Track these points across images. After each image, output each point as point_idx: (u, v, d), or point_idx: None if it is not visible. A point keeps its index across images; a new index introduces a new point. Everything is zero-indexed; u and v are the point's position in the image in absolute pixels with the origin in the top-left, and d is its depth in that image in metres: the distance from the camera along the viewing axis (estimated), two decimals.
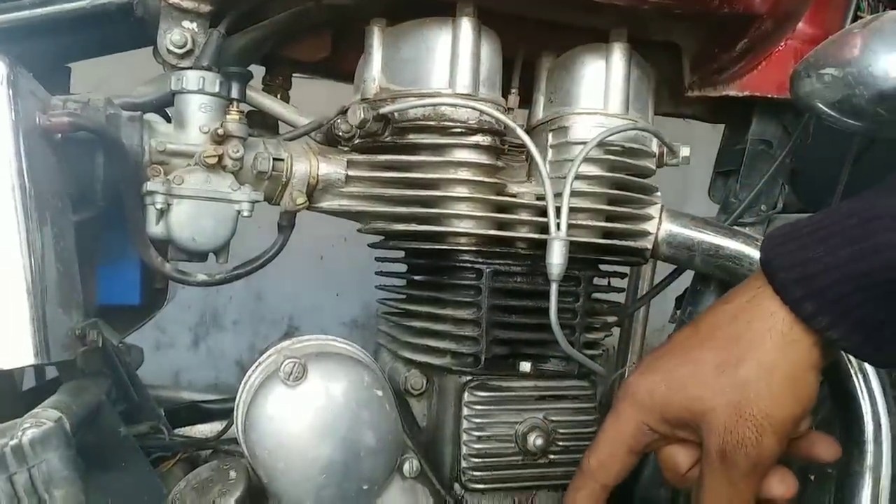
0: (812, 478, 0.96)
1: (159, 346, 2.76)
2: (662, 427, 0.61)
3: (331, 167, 0.81)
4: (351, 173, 0.81)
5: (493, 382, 0.81)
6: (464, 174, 0.79)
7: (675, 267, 0.96)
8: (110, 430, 0.74)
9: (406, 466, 0.75)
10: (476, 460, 0.79)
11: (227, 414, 0.90)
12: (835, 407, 0.84)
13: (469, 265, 0.80)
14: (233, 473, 0.75)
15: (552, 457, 0.81)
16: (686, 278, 1.00)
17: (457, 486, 0.81)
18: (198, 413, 1.04)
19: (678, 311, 1.01)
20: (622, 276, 0.92)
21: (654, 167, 0.87)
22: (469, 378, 0.81)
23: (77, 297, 0.79)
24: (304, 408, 0.69)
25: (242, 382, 0.78)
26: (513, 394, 0.81)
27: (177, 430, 0.95)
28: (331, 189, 0.82)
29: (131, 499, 0.72)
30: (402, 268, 0.92)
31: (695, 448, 0.62)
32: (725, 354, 0.58)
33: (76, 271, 0.80)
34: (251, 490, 0.75)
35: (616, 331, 1.01)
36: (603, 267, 0.87)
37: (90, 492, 0.66)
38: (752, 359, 0.56)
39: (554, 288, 0.75)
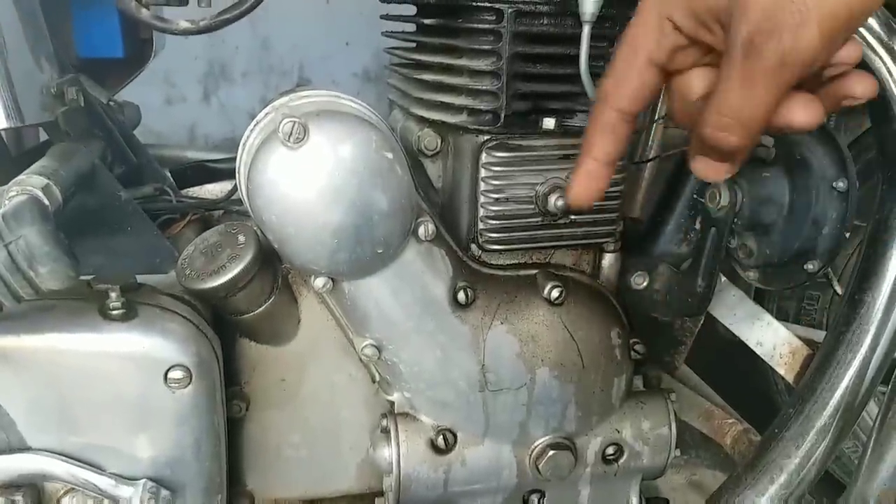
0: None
1: (171, 100, 2.69)
2: (689, 23, 0.51)
3: None
4: None
5: (513, 142, 0.75)
6: None
7: None
8: (109, 193, 0.71)
9: (421, 230, 0.72)
10: (494, 222, 0.76)
11: (235, 173, 0.86)
12: (880, 155, 0.78)
13: (488, 5, 0.70)
14: (241, 238, 0.73)
15: (573, 217, 0.78)
16: None
17: (473, 247, 0.79)
18: (205, 173, 1.00)
19: None
20: None
21: None
22: (487, 137, 0.75)
23: (47, 49, 0.70)
24: (308, 171, 0.64)
25: (241, 142, 0.72)
26: (534, 153, 0.75)
27: (184, 192, 0.93)
28: None
29: (142, 262, 0.71)
30: (413, 10, 0.81)
31: (712, 73, 0.52)
32: None
33: (41, 19, 0.70)
34: (262, 252, 0.73)
35: None
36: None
37: (96, 257, 0.65)
38: None
39: (586, 31, 0.66)
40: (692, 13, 0.50)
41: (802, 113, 0.50)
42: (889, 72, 0.71)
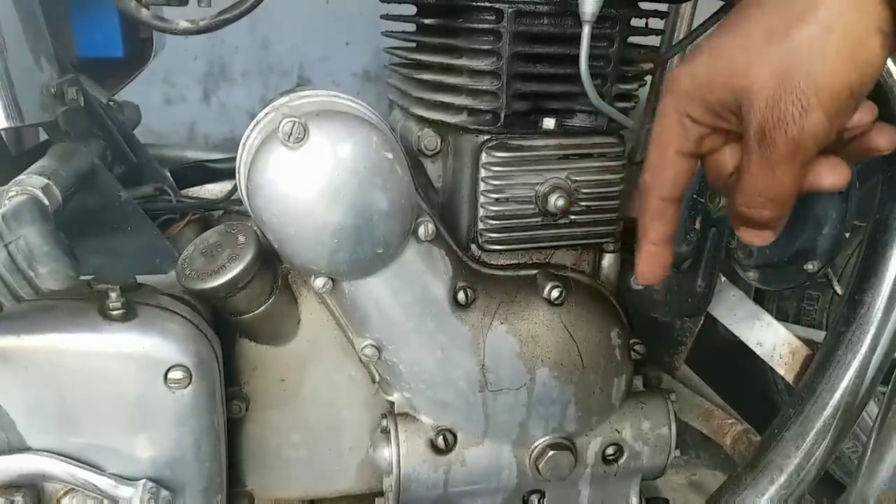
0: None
1: (171, 100, 2.69)
2: (705, 116, 0.54)
3: None
4: None
5: (512, 142, 0.74)
6: None
7: (718, 7, 0.84)
8: (109, 193, 0.71)
9: (421, 230, 0.72)
10: (494, 222, 0.76)
11: (235, 173, 0.86)
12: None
13: (488, 4, 0.70)
14: (241, 238, 0.73)
15: (573, 217, 0.78)
16: None
17: (473, 247, 0.79)
18: (205, 173, 1.00)
19: None
20: (662, 14, 0.81)
21: None
22: (487, 137, 0.74)
23: (47, 49, 0.70)
24: (308, 171, 0.64)
25: (241, 142, 0.72)
26: (534, 153, 0.75)
27: (184, 192, 0.93)
28: None
29: (142, 262, 0.71)
30: (413, 10, 0.81)
31: (739, 149, 0.56)
32: (777, 19, 0.50)
33: (41, 19, 0.70)
34: (262, 253, 0.73)
35: (647, 79, 0.92)
36: (642, 5, 0.76)
37: (96, 257, 0.65)
38: (807, 21, 0.48)
39: (586, 31, 0.66)
40: (706, 108, 0.53)
41: (830, 176, 0.53)
42: (889, 72, 0.71)
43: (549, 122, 0.74)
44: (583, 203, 0.78)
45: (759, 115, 0.49)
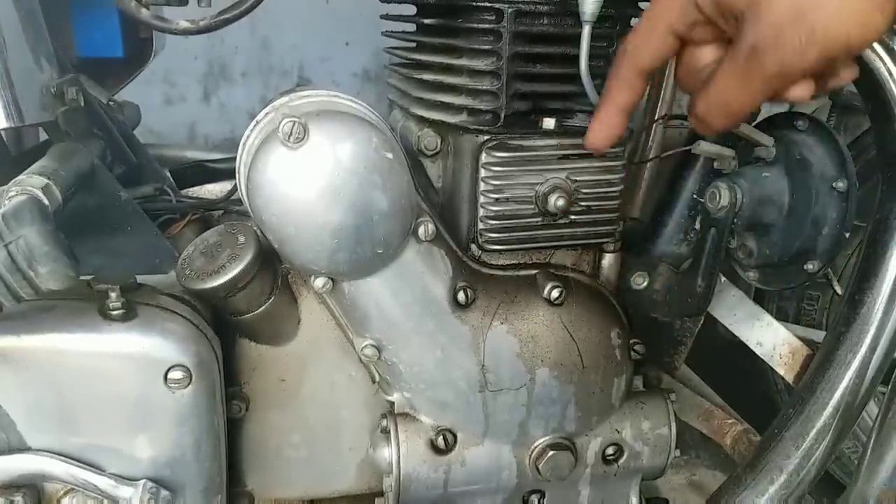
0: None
1: (171, 100, 2.69)
2: (710, 8, 0.55)
3: None
4: None
5: (512, 142, 0.74)
6: None
7: None
8: (109, 193, 0.71)
9: (421, 230, 0.72)
10: (493, 222, 0.76)
11: (234, 173, 0.86)
12: (880, 155, 0.78)
13: (488, 4, 0.69)
14: (241, 238, 0.73)
15: (573, 217, 0.78)
16: None
17: (473, 247, 0.79)
18: (205, 172, 1.00)
19: None
20: None
21: None
22: (487, 137, 0.74)
23: (47, 49, 0.70)
24: (308, 171, 0.64)
25: (241, 142, 0.72)
26: (534, 153, 0.75)
27: (184, 192, 0.93)
28: None
29: (142, 262, 0.71)
30: (413, 10, 0.81)
31: (721, 51, 0.58)
32: None
33: (41, 19, 0.70)
34: (262, 253, 0.73)
35: None
36: (642, 4, 0.76)
37: (96, 257, 0.65)
38: None
39: (586, 31, 0.66)
40: (717, 3, 0.54)
41: (797, 89, 0.55)
42: (889, 72, 0.71)
43: (549, 122, 0.74)
44: (583, 203, 0.77)
45: (760, 32, 0.51)
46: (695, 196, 0.81)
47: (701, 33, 0.58)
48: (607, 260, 0.85)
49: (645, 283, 0.83)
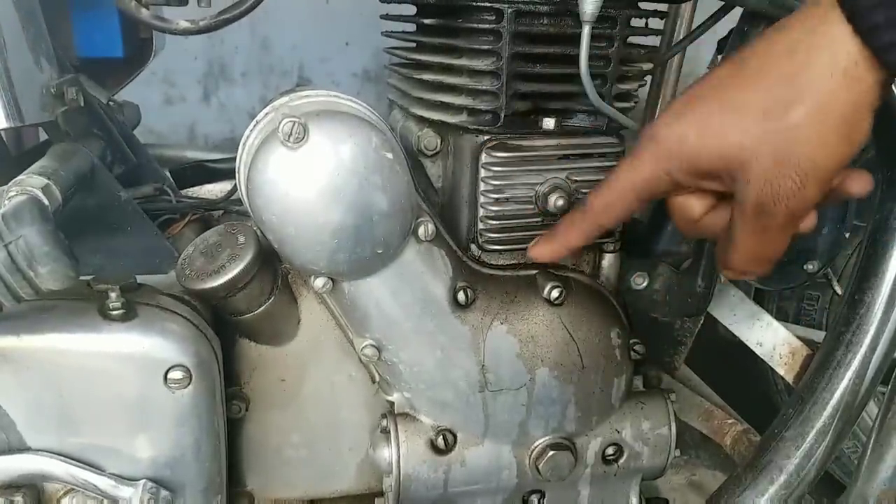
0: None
1: (171, 100, 2.69)
2: (687, 178, 0.56)
3: None
4: None
5: (512, 142, 0.74)
6: None
7: (718, 7, 0.84)
8: (109, 193, 0.71)
9: (421, 230, 0.72)
10: (493, 222, 0.76)
11: (234, 173, 0.87)
12: (879, 155, 0.78)
13: (487, 4, 0.69)
14: (241, 238, 0.73)
15: None
16: (731, 20, 0.87)
17: (473, 247, 0.79)
18: (205, 172, 1.00)
19: (720, 57, 0.91)
20: (662, 14, 0.81)
21: None
22: (487, 137, 0.74)
23: (47, 49, 0.70)
24: (308, 171, 0.64)
25: (241, 142, 0.72)
26: (534, 153, 0.75)
27: (184, 192, 0.93)
28: None
29: (142, 262, 0.71)
30: (412, 10, 0.81)
31: (709, 196, 0.59)
32: (775, 98, 0.51)
33: (41, 19, 0.70)
34: (261, 253, 0.73)
35: (647, 79, 0.92)
36: (642, 5, 0.76)
37: (96, 257, 0.65)
38: (805, 102, 0.50)
39: (586, 31, 0.66)
40: (692, 173, 0.55)
41: (808, 219, 0.56)
42: None
43: (548, 123, 0.74)
44: None
45: (757, 190, 0.52)
46: None
47: (677, 192, 0.58)
48: (607, 260, 0.85)
49: (645, 283, 0.83)
